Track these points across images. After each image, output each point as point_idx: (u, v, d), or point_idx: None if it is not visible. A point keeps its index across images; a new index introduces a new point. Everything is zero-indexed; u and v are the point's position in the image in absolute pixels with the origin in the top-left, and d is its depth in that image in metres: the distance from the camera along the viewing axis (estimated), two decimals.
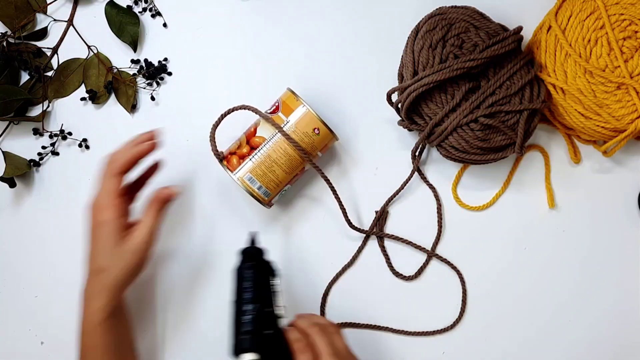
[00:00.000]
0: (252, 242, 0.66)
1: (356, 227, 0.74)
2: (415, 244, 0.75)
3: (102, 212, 0.63)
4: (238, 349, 0.59)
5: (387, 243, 0.76)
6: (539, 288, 0.75)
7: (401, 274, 0.76)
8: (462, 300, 0.75)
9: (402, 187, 0.75)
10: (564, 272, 0.75)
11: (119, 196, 0.64)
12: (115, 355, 0.66)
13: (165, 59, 0.77)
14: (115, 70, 0.76)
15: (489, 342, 0.75)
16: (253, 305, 0.60)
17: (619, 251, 0.75)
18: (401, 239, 0.75)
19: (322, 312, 0.75)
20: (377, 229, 0.75)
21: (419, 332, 0.75)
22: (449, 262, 0.75)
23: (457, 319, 0.75)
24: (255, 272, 0.63)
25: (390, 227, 0.76)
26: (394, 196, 0.75)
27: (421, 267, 0.75)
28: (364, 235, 0.75)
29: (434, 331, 0.75)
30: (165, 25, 0.78)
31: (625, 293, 0.75)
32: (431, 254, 0.75)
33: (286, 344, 0.60)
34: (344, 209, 0.73)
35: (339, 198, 0.72)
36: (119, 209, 0.64)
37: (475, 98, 0.67)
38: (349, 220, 0.74)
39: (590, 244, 0.76)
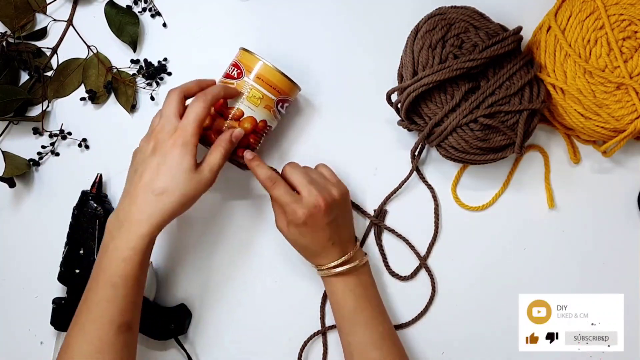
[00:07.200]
0: (94, 185, 0.74)
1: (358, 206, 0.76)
2: (411, 244, 0.75)
3: (184, 134, 0.61)
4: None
5: (385, 242, 0.76)
6: (538, 288, 0.75)
7: (397, 274, 0.76)
8: (427, 304, 0.75)
9: (399, 186, 0.75)
10: (564, 273, 0.75)
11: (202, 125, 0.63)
12: (140, 291, 0.62)
13: (165, 59, 0.77)
14: (115, 70, 0.76)
15: (489, 341, 0.75)
16: (66, 247, 0.73)
17: (618, 251, 0.75)
18: (399, 235, 0.75)
19: (322, 312, 0.75)
20: (376, 228, 0.76)
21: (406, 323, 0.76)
22: (431, 275, 0.75)
23: (424, 307, 0.75)
24: (75, 216, 0.73)
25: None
26: (392, 194, 0.75)
27: (416, 268, 0.76)
28: (362, 235, 0.76)
29: (416, 317, 0.75)
30: (164, 25, 0.78)
31: (625, 293, 0.75)
32: (423, 262, 0.75)
33: None
34: None
35: None
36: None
37: (474, 98, 0.67)
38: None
39: (590, 244, 0.76)
